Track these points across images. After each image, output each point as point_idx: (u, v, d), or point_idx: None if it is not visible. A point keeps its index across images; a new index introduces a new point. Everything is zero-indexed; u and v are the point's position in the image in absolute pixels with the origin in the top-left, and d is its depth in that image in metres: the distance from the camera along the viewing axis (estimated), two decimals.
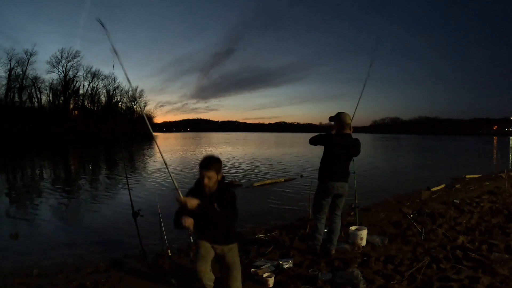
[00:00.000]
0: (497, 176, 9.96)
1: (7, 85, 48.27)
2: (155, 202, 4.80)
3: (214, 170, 2.23)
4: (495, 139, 67.91)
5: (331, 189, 3.25)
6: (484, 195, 6.61)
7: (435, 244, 3.62)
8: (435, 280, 2.69)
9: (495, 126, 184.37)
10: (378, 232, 4.19)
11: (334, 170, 3.24)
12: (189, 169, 12.60)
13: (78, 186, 9.17)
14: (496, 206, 5.49)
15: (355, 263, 3.11)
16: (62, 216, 5.97)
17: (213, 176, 2.22)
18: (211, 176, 2.22)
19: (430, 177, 10.37)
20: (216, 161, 2.27)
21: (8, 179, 10.78)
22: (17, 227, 4.99)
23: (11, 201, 7.17)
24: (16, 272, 3.25)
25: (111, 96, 65.70)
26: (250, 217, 5.40)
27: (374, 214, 5.28)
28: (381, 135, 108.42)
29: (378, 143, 41.69)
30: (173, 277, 2.89)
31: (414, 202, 6.21)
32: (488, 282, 2.64)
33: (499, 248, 3.38)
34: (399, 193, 7.58)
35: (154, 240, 3.91)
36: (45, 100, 55.52)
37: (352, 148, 3.30)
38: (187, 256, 3.45)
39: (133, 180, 9.87)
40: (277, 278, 2.81)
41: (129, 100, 71.92)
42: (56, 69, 56.08)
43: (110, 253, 3.86)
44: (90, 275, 3.10)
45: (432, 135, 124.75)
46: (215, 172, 2.23)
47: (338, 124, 3.28)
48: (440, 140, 57.50)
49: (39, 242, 4.37)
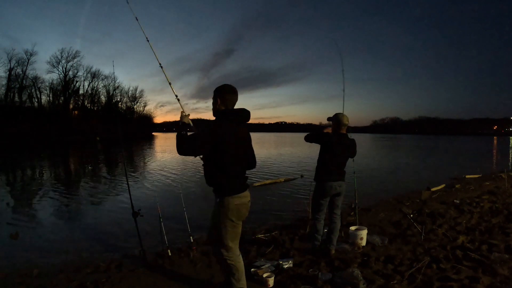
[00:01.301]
0: (497, 176, 9.96)
1: (7, 85, 48.42)
2: (155, 202, 4.80)
3: (213, 97, 2.29)
4: (495, 139, 67.93)
5: (330, 189, 3.26)
6: (484, 195, 6.61)
7: (435, 244, 3.63)
8: (435, 280, 2.69)
9: (495, 126, 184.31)
10: (378, 232, 4.19)
11: (332, 170, 3.26)
12: (190, 169, 12.60)
13: (78, 186, 9.17)
14: (496, 206, 5.49)
15: (355, 263, 3.11)
16: (62, 216, 5.97)
17: (213, 103, 2.30)
18: (213, 103, 2.30)
19: (430, 177, 10.37)
20: (217, 89, 2.30)
21: (8, 179, 10.79)
22: (17, 227, 4.99)
23: (11, 201, 7.17)
24: (16, 272, 3.25)
25: (111, 96, 65.77)
26: (250, 217, 5.38)
27: (374, 214, 5.28)
28: (381, 135, 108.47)
29: (378, 143, 41.66)
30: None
31: (414, 202, 6.21)
32: (488, 282, 2.64)
33: (499, 248, 3.38)
34: (399, 193, 7.58)
35: (154, 240, 3.91)
36: (45, 100, 55.72)
37: (349, 147, 3.34)
38: (187, 256, 3.45)
39: (133, 180, 9.87)
40: (277, 278, 2.81)
41: (129, 100, 72.03)
42: (56, 69, 56.36)
43: (110, 253, 3.86)
44: (90, 275, 3.10)
45: (432, 135, 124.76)
46: (214, 99, 2.28)
47: (335, 124, 3.32)
48: (440, 140, 57.51)
49: (39, 242, 4.37)
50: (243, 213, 2.27)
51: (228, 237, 2.23)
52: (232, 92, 2.27)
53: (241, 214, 2.25)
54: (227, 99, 2.24)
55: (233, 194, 2.18)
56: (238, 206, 2.20)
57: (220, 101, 2.24)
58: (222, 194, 2.18)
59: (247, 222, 5.14)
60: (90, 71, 61.37)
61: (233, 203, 2.18)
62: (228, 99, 2.24)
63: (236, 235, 2.29)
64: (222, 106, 2.24)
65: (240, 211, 2.22)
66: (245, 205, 2.27)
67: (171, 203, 6.12)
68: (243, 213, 2.26)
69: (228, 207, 2.17)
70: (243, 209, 2.25)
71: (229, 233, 2.22)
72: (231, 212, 2.18)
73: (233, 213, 2.19)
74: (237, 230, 2.28)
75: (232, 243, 2.26)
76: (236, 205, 2.19)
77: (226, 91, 2.26)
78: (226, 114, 2.22)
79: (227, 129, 2.16)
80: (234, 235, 2.27)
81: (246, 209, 2.29)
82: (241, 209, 2.23)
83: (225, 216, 2.19)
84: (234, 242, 2.28)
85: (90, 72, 61.32)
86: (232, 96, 2.26)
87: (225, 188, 2.18)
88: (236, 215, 2.21)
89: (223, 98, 2.24)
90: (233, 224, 2.22)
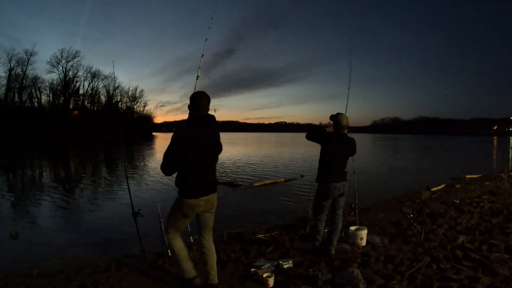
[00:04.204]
0: (497, 176, 9.97)
1: (7, 85, 48.39)
2: (155, 202, 4.80)
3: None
4: (495, 139, 67.94)
5: (334, 190, 3.25)
6: (484, 195, 6.61)
7: (435, 244, 3.63)
8: (435, 280, 2.70)
9: (495, 126, 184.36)
10: (378, 232, 4.19)
11: (334, 170, 3.26)
12: None
13: (78, 186, 9.17)
14: (496, 206, 5.49)
15: (355, 263, 3.11)
16: (62, 216, 5.96)
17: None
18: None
19: (430, 177, 10.37)
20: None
21: (8, 179, 10.78)
22: (17, 227, 4.99)
23: (11, 201, 7.17)
24: (16, 272, 3.25)
25: (111, 96, 65.76)
26: (250, 217, 5.41)
27: (374, 214, 5.28)
28: (381, 135, 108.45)
29: (378, 143, 41.66)
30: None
31: (414, 202, 6.21)
32: (488, 282, 2.64)
33: (499, 248, 3.38)
34: (399, 193, 7.57)
35: (154, 240, 3.91)
36: (45, 100, 55.69)
37: (349, 146, 3.35)
38: None
39: (133, 180, 9.87)
40: (277, 278, 2.81)
41: (129, 100, 72.01)
42: (56, 69, 56.34)
43: (110, 253, 3.85)
44: (90, 275, 3.10)
45: (432, 135, 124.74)
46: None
47: (335, 123, 3.33)
48: (440, 140, 57.50)
49: (39, 242, 4.36)
50: (195, 211, 2.45)
51: (172, 225, 2.53)
52: (199, 97, 2.36)
53: (193, 212, 2.46)
54: (195, 105, 2.35)
55: (187, 199, 2.37)
56: (190, 207, 2.40)
57: (189, 107, 2.39)
58: (179, 194, 2.40)
59: (247, 222, 5.18)
60: (90, 71, 61.42)
61: (185, 205, 2.39)
62: (196, 104, 2.35)
63: (182, 225, 2.57)
64: (191, 113, 2.37)
65: (193, 211, 2.43)
66: (199, 206, 2.42)
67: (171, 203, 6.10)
68: (195, 211, 2.45)
69: (181, 207, 2.41)
70: (195, 209, 2.42)
71: (174, 223, 2.52)
72: (182, 210, 2.43)
73: (184, 211, 2.42)
74: (183, 224, 2.56)
75: (171, 230, 2.55)
76: (189, 206, 2.39)
77: (193, 97, 2.37)
78: (190, 120, 2.34)
79: (189, 134, 2.29)
80: (180, 226, 2.56)
81: (199, 208, 2.43)
82: (194, 209, 2.42)
83: (177, 209, 2.46)
84: (177, 230, 2.57)
85: (90, 72, 61.38)
86: (200, 102, 2.35)
87: (181, 191, 2.39)
88: (186, 213, 2.44)
89: (191, 104, 2.36)
90: (183, 220, 2.52)
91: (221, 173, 11.30)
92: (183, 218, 2.50)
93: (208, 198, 2.44)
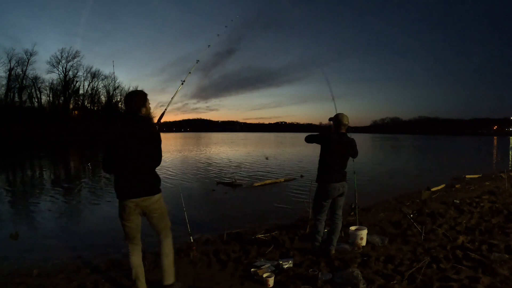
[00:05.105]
0: (497, 176, 9.97)
1: (7, 85, 48.33)
2: None
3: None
4: (495, 139, 67.91)
5: (334, 190, 3.26)
6: (484, 195, 6.61)
7: (435, 244, 3.63)
8: (435, 280, 2.70)
9: (495, 126, 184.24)
10: (378, 232, 4.19)
11: (334, 170, 3.26)
12: (190, 169, 12.60)
13: (78, 186, 9.16)
14: (496, 206, 5.49)
15: (355, 263, 3.12)
16: (62, 216, 5.96)
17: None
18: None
19: (430, 177, 10.37)
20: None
21: (8, 179, 10.78)
22: (17, 227, 4.99)
23: (11, 201, 7.17)
24: (16, 272, 3.25)
25: (111, 96, 65.71)
26: (250, 217, 5.41)
27: (374, 214, 5.28)
28: (381, 135, 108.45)
29: (378, 143, 41.65)
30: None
31: (414, 202, 6.21)
32: (488, 282, 2.64)
33: (499, 248, 3.38)
34: (399, 193, 7.57)
35: (154, 240, 3.90)
36: (45, 100, 55.64)
37: (349, 146, 3.34)
38: (187, 256, 3.45)
39: None
40: (277, 278, 2.81)
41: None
42: (56, 69, 56.19)
43: (110, 253, 3.85)
44: (90, 275, 3.11)
45: (432, 135, 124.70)
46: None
47: (335, 123, 3.33)
48: (440, 140, 57.49)
49: (39, 242, 4.36)
50: (130, 214, 2.38)
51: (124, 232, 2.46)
52: (127, 97, 2.36)
53: (129, 216, 2.39)
54: (126, 104, 2.35)
55: (121, 199, 2.36)
56: (122, 209, 2.38)
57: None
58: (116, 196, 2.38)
59: (247, 222, 5.18)
60: (90, 71, 61.29)
61: (119, 207, 2.39)
62: (127, 104, 2.35)
63: (129, 231, 2.44)
64: (124, 113, 2.39)
65: (125, 213, 2.37)
66: (129, 208, 2.37)
67: (171, 203, 6.09)
68: (129, 213, 2.38)
69: (119, 209, 2.40)
70: (127, 211, 2.37)
71: (123, 229, 2.44)
72: (120, 213, 2.40)
73: (120, 214, 2.40)
74: (127, 228, 2.42)
75: (127, 240, 2.48)
76: (121, 207, 2.38)
77: (125, 97, 2.38)
78: (121, 121, 2.37)
79: (115, 135, 2.31)
80: (127, 232, 2.44)
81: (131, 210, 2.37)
82: (126, 211, 2.37)
83: (119, 214, 2.41)
84: (128, 239, 2.48)
85: (90, 72, 61.25)
86: (128, 101, 2.34)
87: (116, 191, 2.38)
88: (122, 216, 2.39)
89: (125, 105, 2.37)
90: (123, 223, 2.42)
91: (221, 173, 11.30)
92: (124, 222, 2.41)
93: (138, 202, 2.35)
